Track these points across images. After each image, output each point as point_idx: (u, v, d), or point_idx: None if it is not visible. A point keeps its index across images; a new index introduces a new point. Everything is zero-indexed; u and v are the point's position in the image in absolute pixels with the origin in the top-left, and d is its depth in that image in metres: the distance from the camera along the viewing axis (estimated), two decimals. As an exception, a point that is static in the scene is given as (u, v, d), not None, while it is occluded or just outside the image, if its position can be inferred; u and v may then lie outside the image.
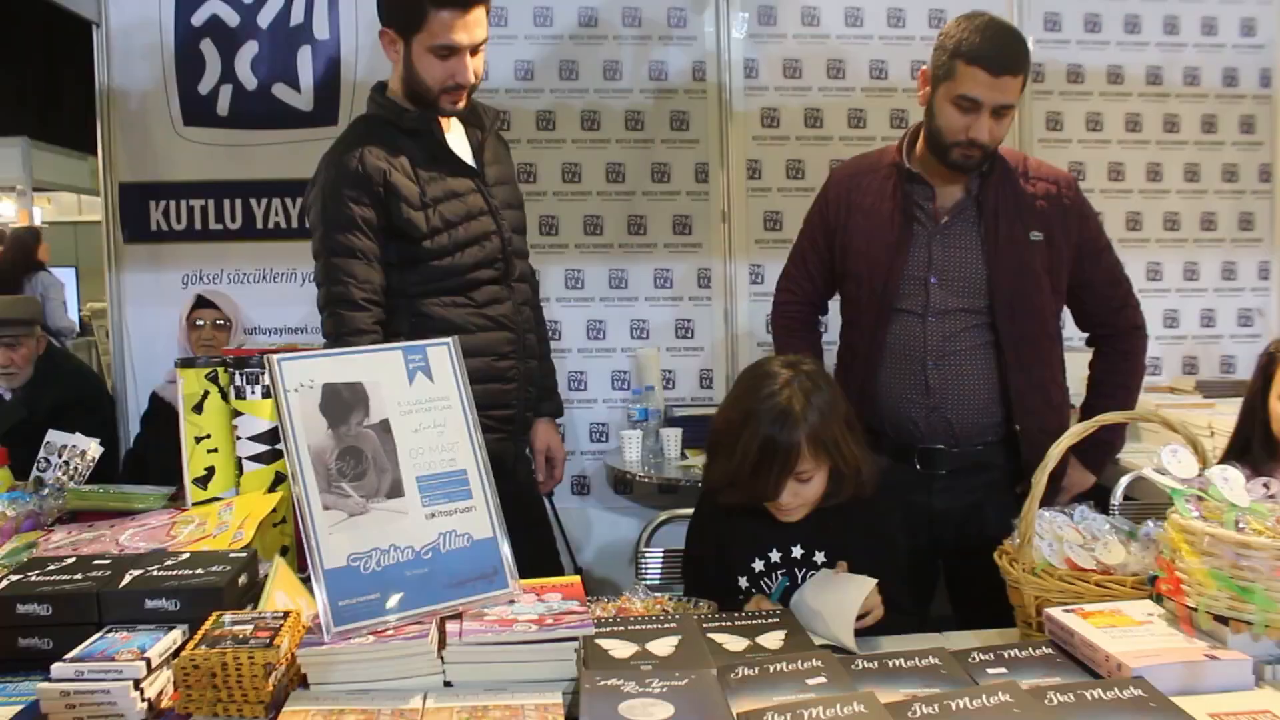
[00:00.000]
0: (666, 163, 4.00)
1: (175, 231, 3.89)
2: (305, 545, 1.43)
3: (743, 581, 2.02)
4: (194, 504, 2.04)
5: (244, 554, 1.71)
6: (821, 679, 1.41)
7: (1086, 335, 2.54)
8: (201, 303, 3.62)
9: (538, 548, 2.56)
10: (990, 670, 1.46)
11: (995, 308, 2.33)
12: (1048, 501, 2.23)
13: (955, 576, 2.49)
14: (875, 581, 1.81)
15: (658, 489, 3.84)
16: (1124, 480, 3.01)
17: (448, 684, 1.40)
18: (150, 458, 3.47)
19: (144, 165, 3.87)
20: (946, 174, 2.35)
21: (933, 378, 2.34)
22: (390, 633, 1.42)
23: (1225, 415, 3.18)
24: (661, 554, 2.50)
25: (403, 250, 2.37)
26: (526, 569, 1.59)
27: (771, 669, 1.44)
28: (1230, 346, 4.21)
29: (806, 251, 2.55)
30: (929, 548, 2.42)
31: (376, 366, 1.54)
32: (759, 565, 2.03)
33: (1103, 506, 1.95)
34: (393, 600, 1.44)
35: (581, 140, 3.98)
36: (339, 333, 2.32)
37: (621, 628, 1.59)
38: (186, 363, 2.07)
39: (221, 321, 3.61)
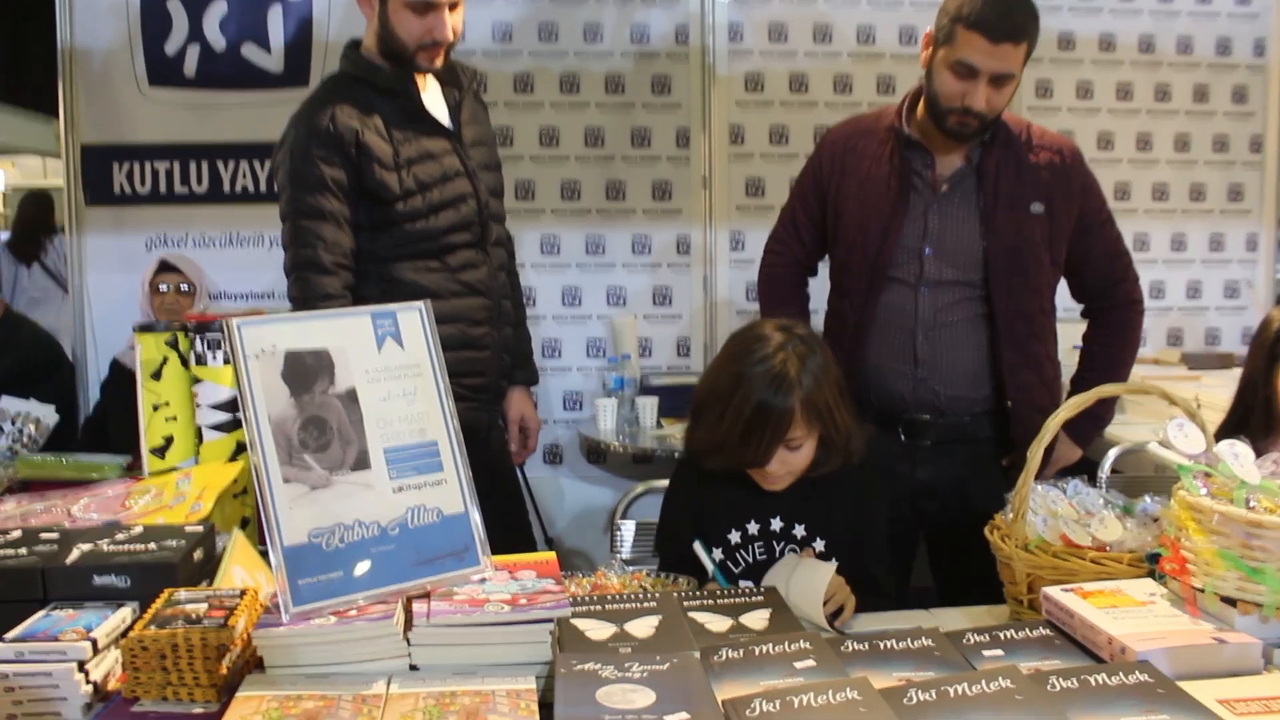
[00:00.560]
0: (647, 127, 3.90)
1: (139, 194, 3.77)
2: (264, 521, 1.34)
3: (718, 553, 1.95)
4: (151, 474, 1.98)
5: (200, 528, 1.63)
6: (810, 662, 1.33)
7: (1081, 307, 2.47)
8: (165, 267, 3.51)
9: (509, 520, 2.48)
10: (986, 652, 1.39)
11: (991, 281, 2.26)
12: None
13: (938, 550, 2.43)
14: (835, 566, 1.74)
15: (632, 459, 3.77)
16: (1112, 454, 2.96)
17: (414, 668, 1.32)
18: (110, 426, 3.37)
19: (108, 126, 3.74)
20: (946, 141, 2.26)
21: (922, 349, 2.27)
22: (353, 613, 1.33)
23: (1212, 388, 3.14)
24: (635, 526, 2.42)
25: (374, 213, 2.28)
26: (497, 542, 1.52)
27: (757, 651, 1.37)
28: (1216, 319, 4.17)
29: (797, 211, 2.47)
30: (911, 519, 2.35)
31: (343, 331, 1.45)
32: (735, 537, 1.96)
33: (1089, 480, 1.89)
34: (356, 579, 1.36)
35: (560, 103, 3.88)
36: (306, 297, 2.23)
37: (599, 607, 1.51)
38: (145, 328, 2.00)
39: (185, 287, 3.50)
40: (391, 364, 1.46)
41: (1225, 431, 2.21)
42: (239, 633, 1.32)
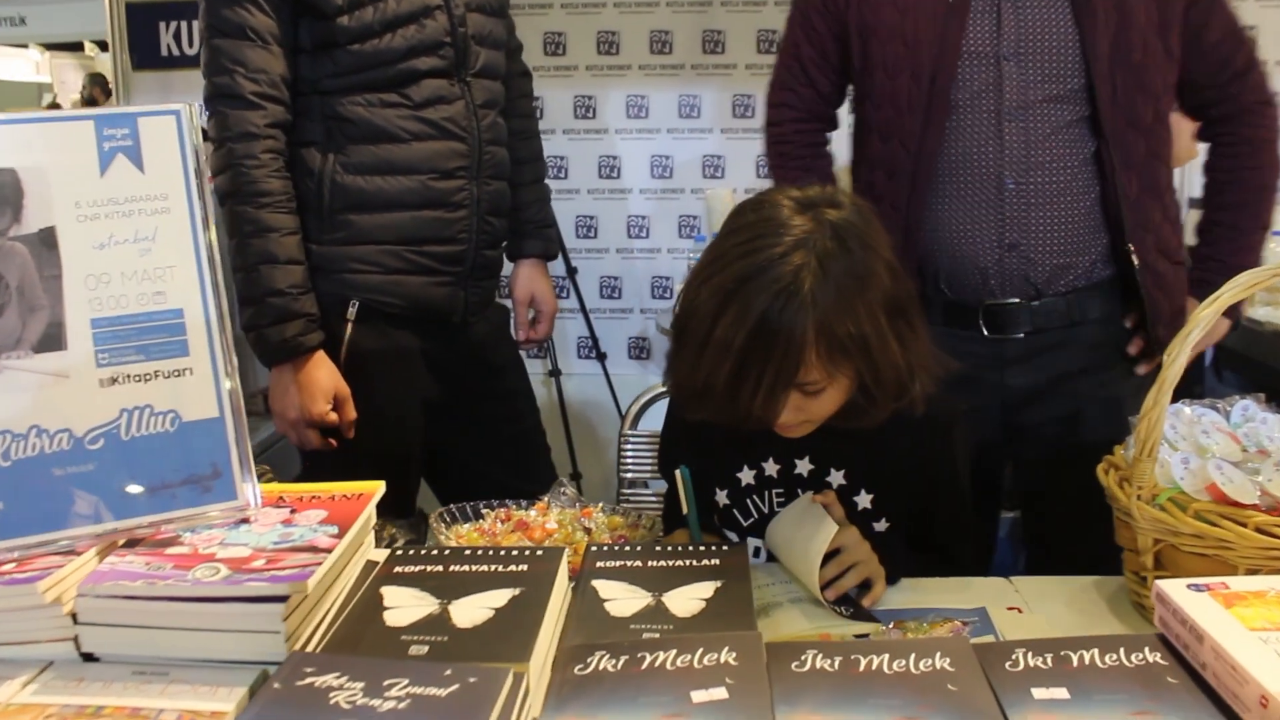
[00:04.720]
0: (752, -35, 3.29)
1: (189, 56, 3.44)
2: (-113, 421, 0.88)
3: (722, 497, 1.37)
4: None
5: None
6: (720, 691, 0.79)
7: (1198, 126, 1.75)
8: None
9: (505, 425, 1.98)
10: (1038, 692, 0.81)
11: (1096, 89, 1.57)
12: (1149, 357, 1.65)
13: (1033, 485, 1.78)
14: (835, 529, 1.16)
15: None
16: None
17: (91, 657, 0.85)
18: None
19: (153, -21, 3.41)
20: None
21: (1011, 202, 1.60)
22: (9, 568, 0.86)
23: None
24: (648, 440, 1.88)
25: (315, 30, 1.78)
26: (488, 457, 1.02)
27: (645, 662, 0.83)
28: None
29: (800, 45, 1.77)
30: (1001, 444, 1.70)
31: (47, 144, 0.95)
32: (747, 477, 1.37)
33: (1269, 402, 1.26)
34: (26, 516, 0.88)
35: (652, -63, 3.32)
36: (223, 138, 1.77)
37: (438, 568, 0.99)
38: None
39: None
40: (119, 194, 0.96)
41: None
42: None
